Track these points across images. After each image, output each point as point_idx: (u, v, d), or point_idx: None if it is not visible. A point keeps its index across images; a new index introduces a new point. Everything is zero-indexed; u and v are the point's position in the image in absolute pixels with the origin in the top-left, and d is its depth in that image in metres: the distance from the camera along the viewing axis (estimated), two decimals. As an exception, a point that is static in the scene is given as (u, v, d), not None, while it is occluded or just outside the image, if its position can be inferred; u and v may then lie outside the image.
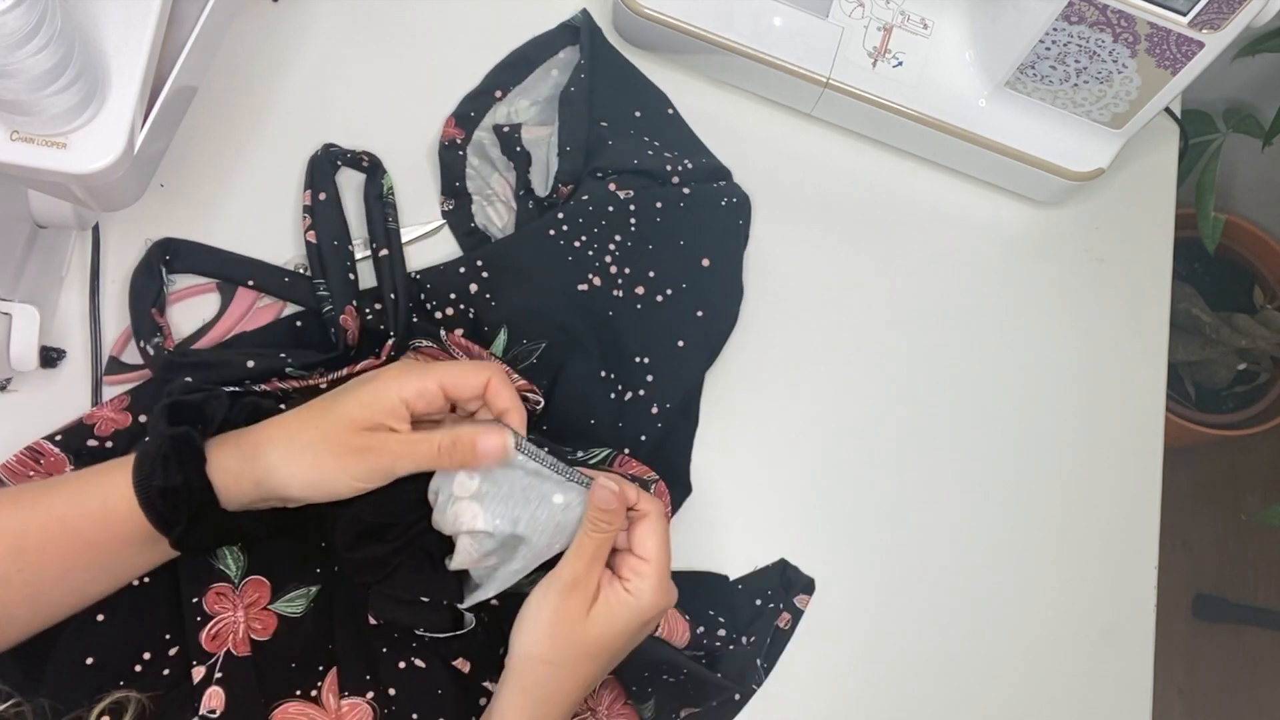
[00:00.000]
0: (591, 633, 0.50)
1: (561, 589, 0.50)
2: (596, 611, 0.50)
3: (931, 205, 0.77)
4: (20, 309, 0.55)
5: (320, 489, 0.49)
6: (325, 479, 0.49)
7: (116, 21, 0.48)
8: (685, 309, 0.67)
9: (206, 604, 0.54)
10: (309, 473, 0.49)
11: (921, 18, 0.74)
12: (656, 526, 0.52)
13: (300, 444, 0.49)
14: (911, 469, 0.71)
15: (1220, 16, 0.62)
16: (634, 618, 0.50)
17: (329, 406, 0.50)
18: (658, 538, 0.51)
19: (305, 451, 0.49)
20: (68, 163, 0.47)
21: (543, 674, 0.50)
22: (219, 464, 0.49)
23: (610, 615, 0.50)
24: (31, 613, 0.50)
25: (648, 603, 0.50)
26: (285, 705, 0.55)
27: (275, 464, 0.49)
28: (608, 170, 0.68)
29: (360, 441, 0.49)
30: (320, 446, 0.49)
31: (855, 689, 0.66)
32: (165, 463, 0.48)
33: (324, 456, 0.48)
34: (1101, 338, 0.77)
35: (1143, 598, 0.72)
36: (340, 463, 0.48)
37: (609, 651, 0.51)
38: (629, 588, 0.50)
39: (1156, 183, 0.82)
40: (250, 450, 0.49)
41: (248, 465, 0.49)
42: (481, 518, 0.50)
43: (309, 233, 0.63)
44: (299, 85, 0.69)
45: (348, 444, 0.49)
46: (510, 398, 0.53)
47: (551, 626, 0.49)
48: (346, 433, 0.49)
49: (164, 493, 0.48)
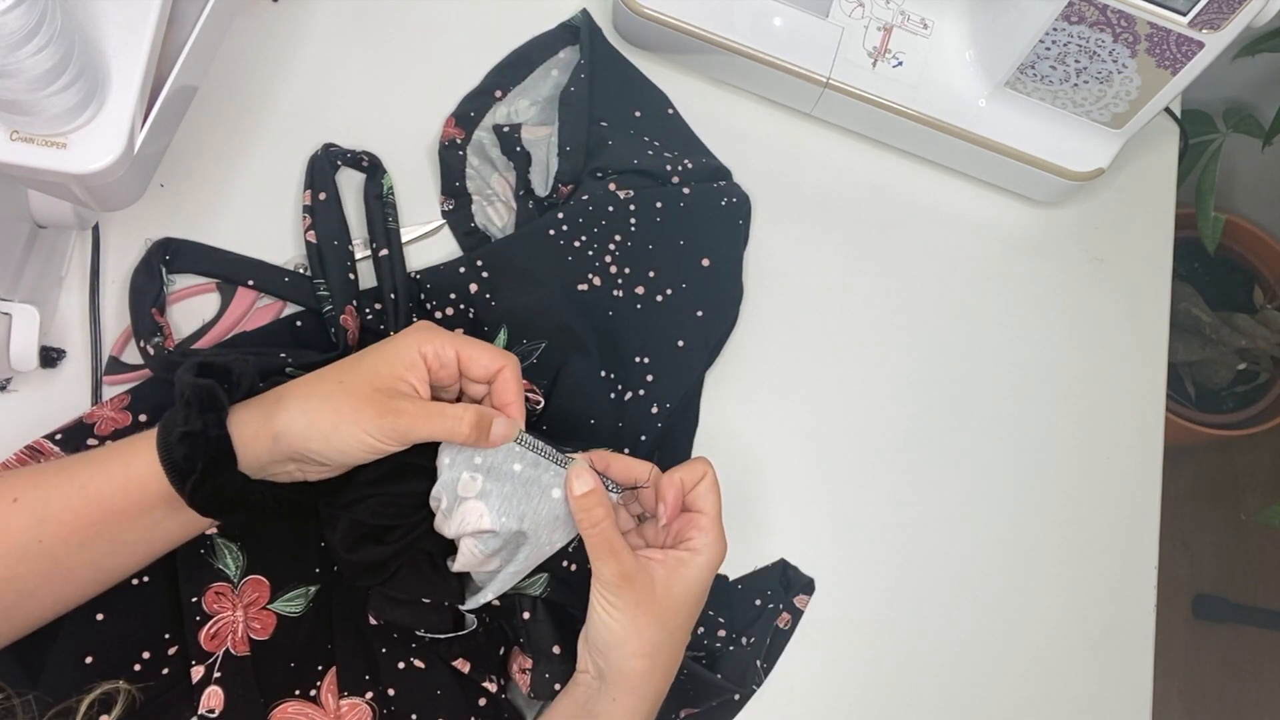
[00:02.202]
0: (670, 603, 0.51)
1: (617, 588, 0.50)
2: (670, 585, 0.51)
3: (931, 205, 0.77)
4: (20, 309, 0.55)
5: (337, 445, 0.48)
6: (343, 434, 0.48)
7: (116, 21, 0.48)
8: (685, 309, 0.67)
9: (205, 603, 0.54)
10: (326, 426, 0.48)
11: (921, 18, 0.74)
12: (713, 483, 0.54)
13: (321, 397, 0.49)
14: (911, 469, 0.71)
15: (1220, 16, 0.62)
16: (705, 572, 0.52)
17: (352, 364, 0.51)
18: (715, 493, 0.54)
19: (325, 403, 0.49)
20: (68, 163, 0.47)
21: (645, 668, 0.51)
22: (239, 418, 0.49)
23: (685, 580, 0.51)
24: (50, 590, 0.50)
25: (716, 553, 0.52)
26: (284, 705, 0.55)
27: (294, 416, 0.49)
28: (608, 170, 0.68)
29: (380, 400, 0.48)
30: (340, 399, 0.49)
31: (855, 689, 0.66)
32: (187, 408, 0.48)
33: (343, 410, 0.48)
34: (1101, 338, 0.77)
35: (1143, 598, 0.72)
36: (359, 417, 0.48)
37: (692, 611, 0.53)
38: (693, 545, 0.52)
39: (1156, 183, 0.82)
40: (271, 404, 0.49)
41: (267, 420, 0.49)
42: (487, 516, 0.50)
43: (309, 233, 0.63)
44: (299, 85, 0.69)
45: (368, 399, 0.48)
46: (517, 392, 0.53)
47: (634, 620, 0.50)
48: (368, 388, 0.49)
49: (183, 438, 0.48)
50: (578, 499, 0.50)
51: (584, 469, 0.51)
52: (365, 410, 0.48)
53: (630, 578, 0.50)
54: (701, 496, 0.53)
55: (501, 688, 0.57)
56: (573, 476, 0.51)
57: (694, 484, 0.54)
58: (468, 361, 0.52)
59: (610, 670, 0.51)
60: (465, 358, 0.52)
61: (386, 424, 0.48)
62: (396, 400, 0.49)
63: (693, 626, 0.54)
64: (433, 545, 0.55)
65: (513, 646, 0.58)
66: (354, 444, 0.48)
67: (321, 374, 0.51)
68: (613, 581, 0.50)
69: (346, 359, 0.52)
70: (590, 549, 0.51)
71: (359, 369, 0.50)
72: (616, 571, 0.50)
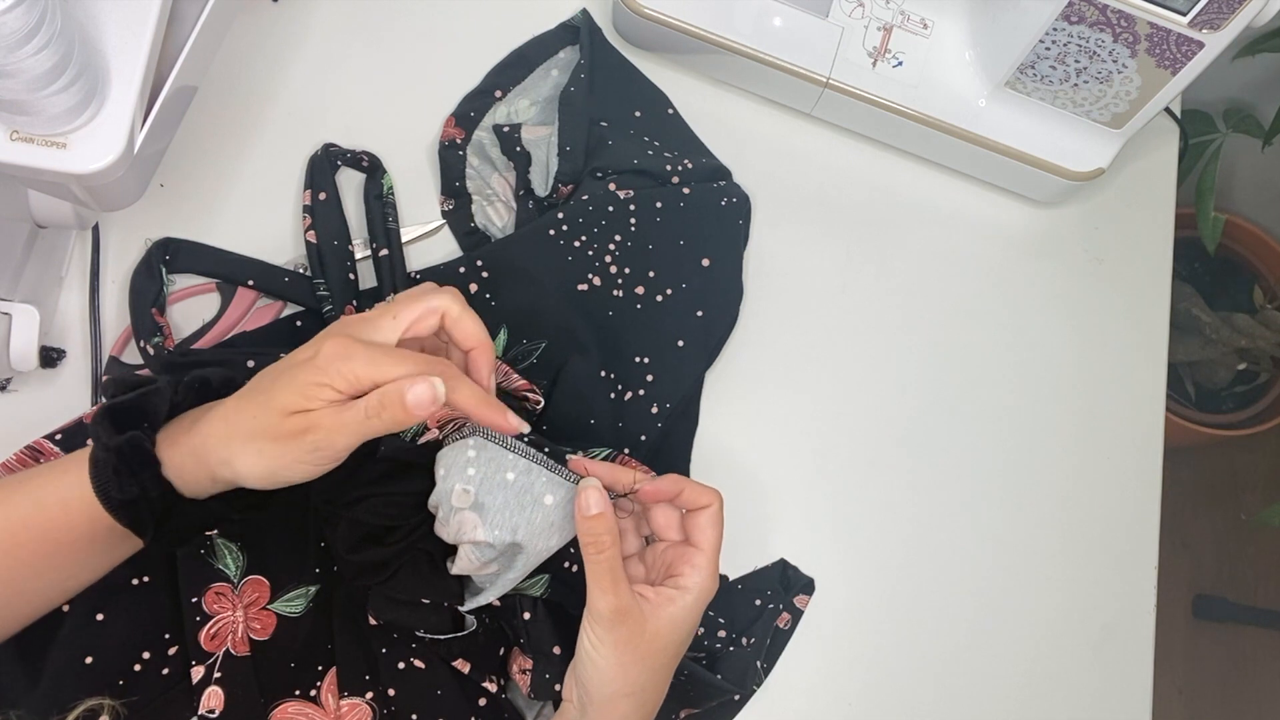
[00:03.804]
0: (657, 644, 0.49)
1: (609, 624, 0.48)
2: (658, 623, 0.49)
3: (932, 205, 0.77)
4: (20, 309, 0.55)
5: (277, 479, 0.47)
6: (276, 469, 0.46)
7: (116, 21, 0.48)
8: (685, 309, 0.67)
9: (205, 603, 0.54)
10: (258, 468, 0.46)
11: (921, 18, 0.74)
12: (718, 517, 0.51)
13: (242, 438, 0.46)
14: (911, 469, 0.71)
15: (1220, 16, 0.62)
16: (693, 610, 0.50)
17: (265, 393, 0.47)
18: (717, 528, 0.51)
19: (248, 445, 0.46)
20: (68, 163, 0.47)
21: (627, 709, 0.50)
22: (173, 463, 0.47)
23: (672, 619, 0.49)
24: (10, 610, 0.49)
25: (705, 591, 0.50)
26: (284, 705, 0.55)
27: (224, 460, 0.46)
28: (608, 170, 0.68)
29: (295, 424, 0.45)
30: (261, 438, 0.46)
31: (855, 689, 0.66)
32: (118, 475, 0.46)
33: (266, 447, 0.46)
34: (1101, 338, 0.77)
35: (1143, 598, 0.72)
36: (282, 449, 0.45)
37: (679, 649, 0.51)
38: (683, 582, 0.50)
39: (1156, 183, 0.82)
40: (200, 447, 0.47)
41: (200, 463, 0.47)
42: (481, 529, 0.50)
43: (309, 232, 0.63)
44: (299, 85, 0.69)
45: (284, 429, 0.45)
46: (473, 327, 0.50)
47: (619, 659, 0.49)
48: (281, 418, 0.46)
49: (124, 505, 0.46)
50: (588, 520, 0.48)
51: (595, 489, 0.49)
52: (286, 442, 0.45)
53: (624, 614, 0.48)
54: (702, 528, 0.51)
55: (502, 688, 0.57)
56: (583, 497, 0.49)
57: (697, 507, 0.51)
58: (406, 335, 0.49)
59: (592, 706, 0.50)
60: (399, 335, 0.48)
61: (309, 446, 0.45)
62: (309, 416, 0.46)
63: (678, 664, 0.52)
64: (433, 546, 0.55)
65: (513, 647, 0.58)
66: (293, 474, 0.47)
67: (238, 407, 0.47)
68: (605, 615, 0.48)
69: (264, 377, 0.48)
70: (590, 576, 0.49)
71: (274, 400, 0.46)
72: (612, 606, 0.48)
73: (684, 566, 0.51)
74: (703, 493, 0.52)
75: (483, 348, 0.51)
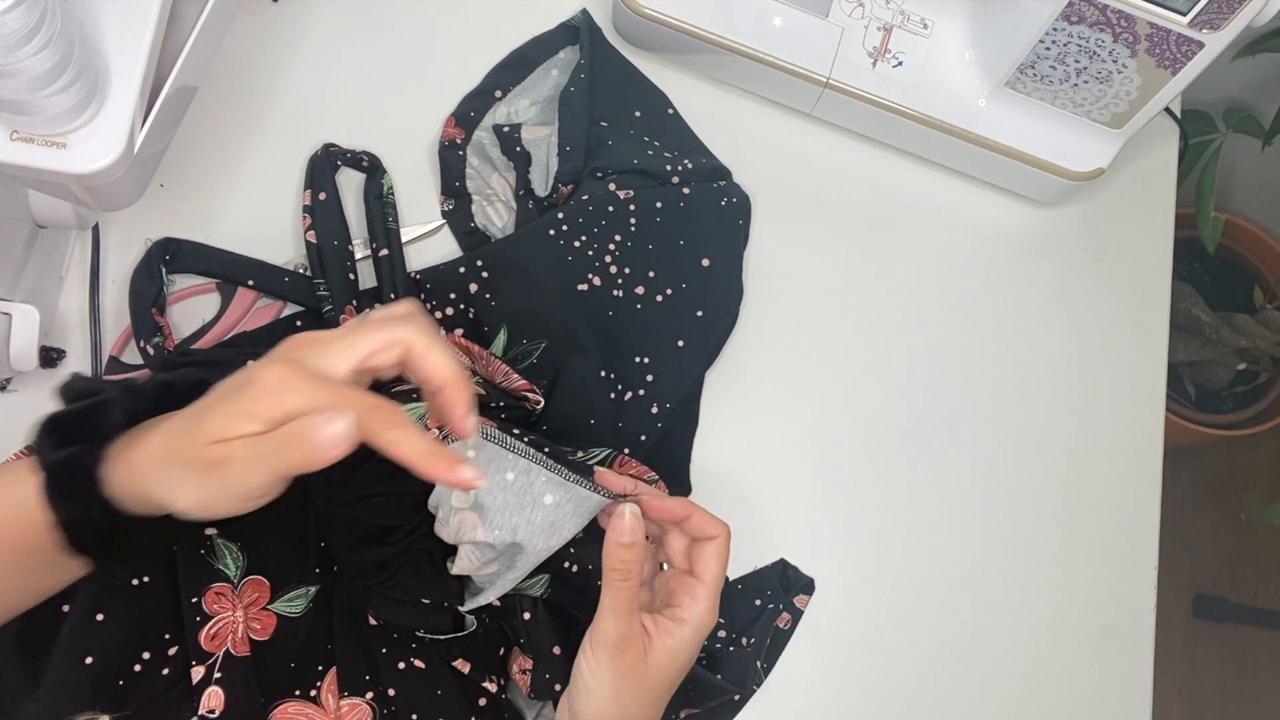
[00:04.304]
0: (655, 676, 0.49)
1: (612, 651, 0.48)
2: (655, 655, 0.49)
3: (931, 205, 0.77)
4: (20, 309, 0.55)
5: (209, 511, 0.42)
6: (203, 502, 0.41)
7: (116, 21, 0.48)
8: (685, 309, 0.67)
9: (205, 604, 0.54)
10: (183, 499, 0.41)
11: (921, 18, 0.74)
12: (723, 548, 0.50)
13: (169, 463, 0.42)
14: (911, 469, 0.71)
15: (1220, 16, 0.62)
16: (690, 644, 0.49)
17: (199, 416, 0.42)
18: (721, 560, 0.50)
19: (173, 473, 0.42)
20: (68, 163, 0.47)
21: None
22: (119, 483, 0.43)
23: (670, 651, 0.49)
24: None
25: (704, 625, 0.49)
26: (284, 705, 0.55)
27: (155, 485, 0.42)
28: (608, 170, 0.68)
29: (212, 455, 0.41)
30: (184, 466, 0.41)
31: (855, 689, 0.66)
32: (54, 495, 0.42)
33: (188, 477, 0.41)
34: (1101, 338, 0.77)
35: (1143, 598, 0.72)
36: (201, 481, 0.41)
37: (674, 681, 0.50)
38: (682, 614, 0.49)
39: (1156, 183, 0.82)
40: (138, 475, 0.43)
41: (141, 490, 0.43)
42: (481, 529, 0.50)
43: (309, 232, 0.63)
44: (299, 85, 0.69)
45: (203, 459, 0.41)
46: (440, 362, 0.44)
47: (616, 688, 0.48)
48: (202, 446, 0.41)
49: (66, 525, 0.43)
50: (621, 547, 0.47)
51: (634, 516, 0.48)
52: (205, 477, 0.41)
53: (629, 644, 0.48)
54: (705, 559, 0.50)
55: (502, 688, 0.57)
56: (620, 522, 0.48)
57: (704, 536, 0.50)
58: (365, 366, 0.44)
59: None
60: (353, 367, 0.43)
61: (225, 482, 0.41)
62: (227, 447, 0.41)
63: (671, 695, 0.52)
64: (433, 546, 0.55)
65: (513, 647, 0.58)
66: (226, 509, 0.42)
67: (173, 430, 0.43)
68: (610, 641, 0.48)
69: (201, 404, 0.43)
70: (608, 600, 0.48)
71: (198, 426, 0.42)
72: (622, 633, 0.48)
73: (683, 597, 0.50)
74: (710, 523, 0.51)
75: (453, 385, 0.44)
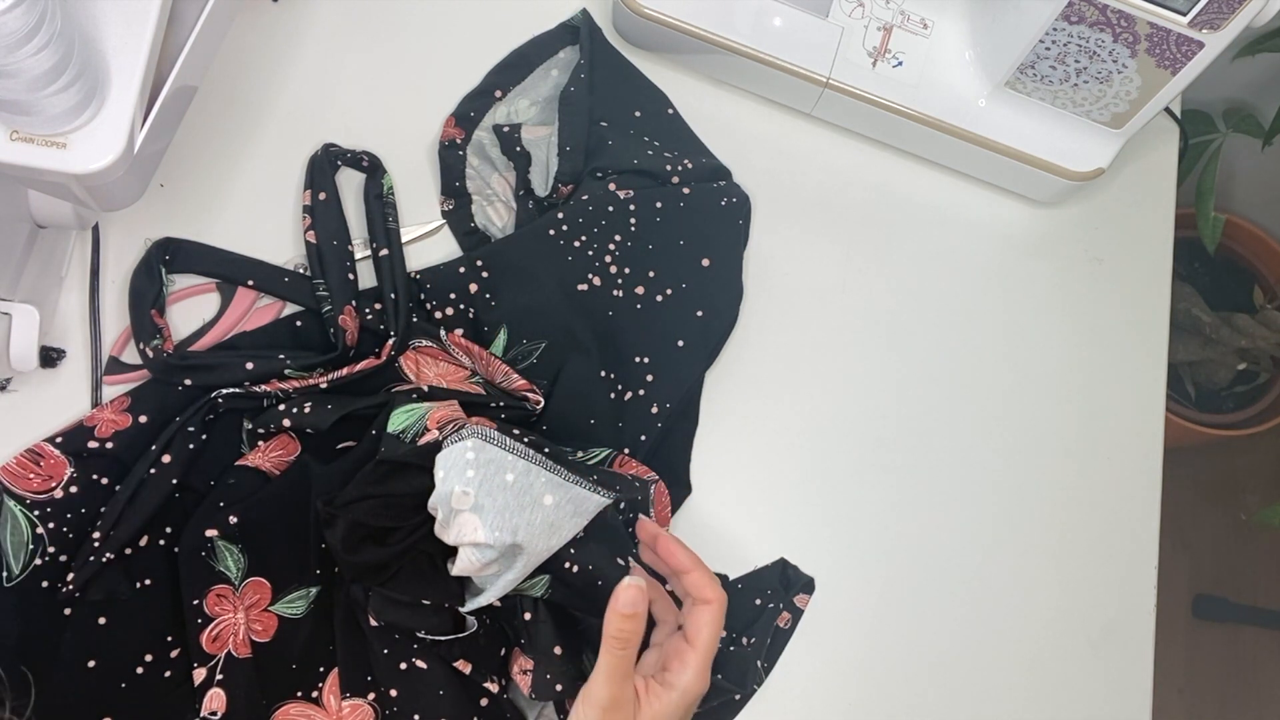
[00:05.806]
0: None
1: (600, 713, 0.48)
2: (643, 718, 0.49)
3: (931, 205, 0.77)
4: (20, 309, 0.55)
5: None
6: None
7: (116, 21, 0.48)
8: (685, 309, 0.67)
9: (207, 606, 0.54)
10: None
11: (921, 18, 0.74)
12: (716, 616, 0.51)
13: None
14: (911, 469, 0.71)
15: (1220, 16, 0.62)
16: (678, 709, 0.50)
17: None
18: (713, 628, 0.51)
19: None
20: (68, 163, 0.47)
21: None
22: None
23: (656, 716, 0.49)
24: None
25: (694, 692, 0.50)
26: (286, 706, 0.55)
27: None
28: (608, 170, 0.68)
29: None
30: None
31: (855, 689, 0.66)
32: None
33: None
34: (1101, 338, 0.77)
35: (1143, 598, 0.72)
36: None
37: None
38: (671, 679, 0.50)
39: (1156, 183, 0.82)
40: None
41: None
42: (481, 530, 0.50)
43: (309, 233, 0.63)
44: (299, 85, 0.69)
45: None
46: None
47: None
48: None
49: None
50: (623, 618, 0.48)
51: (639, 589, 0.49)
52: None
53: (618, 707, 0.48)
54: (698, 626, 0.51)
55: (503, 688, 0.57)
56: (624, 594, 0.49)
57: (699, 597, 0.51)
58: None
59: None
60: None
61: None
62: None
63: None
64: (433, 547, 0.55)
65: (514, 647, 0.58)
66: None
67: None
68: (601, 704, 0.48)
69: None
70: (603, 664, 0.49)
71: None
72: (610, 697, 0.48)
73: (675, 662, 0.50)
74: (707, 585, 0.51)
75: None
